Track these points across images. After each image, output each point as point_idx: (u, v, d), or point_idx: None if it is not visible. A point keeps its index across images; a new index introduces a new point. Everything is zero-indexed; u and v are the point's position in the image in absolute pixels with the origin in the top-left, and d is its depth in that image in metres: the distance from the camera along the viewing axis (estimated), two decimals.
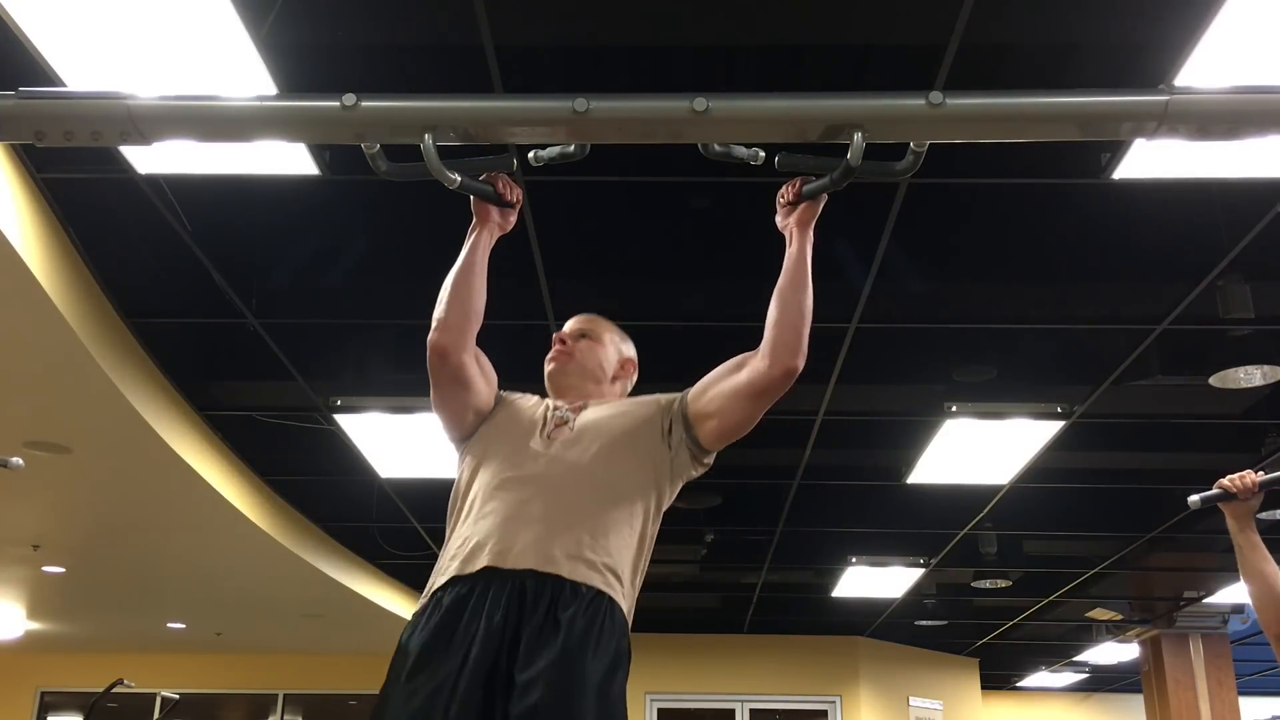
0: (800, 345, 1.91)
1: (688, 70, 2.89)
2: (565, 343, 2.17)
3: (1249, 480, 2.50)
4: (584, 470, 1.91)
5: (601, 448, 1.94)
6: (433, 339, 1.96)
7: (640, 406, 2.06)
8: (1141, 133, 1.46)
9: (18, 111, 1.47)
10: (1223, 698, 9.10)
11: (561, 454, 1.93)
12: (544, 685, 1.66)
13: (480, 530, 1.86)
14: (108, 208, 3.45)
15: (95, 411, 4.27)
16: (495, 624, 1.73)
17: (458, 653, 1.74)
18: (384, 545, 7.14)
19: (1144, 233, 3.54)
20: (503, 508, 1.87)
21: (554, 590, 1.77)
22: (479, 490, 1.94)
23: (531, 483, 1.89)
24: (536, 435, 1.98)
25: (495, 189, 1.89)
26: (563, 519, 1.84)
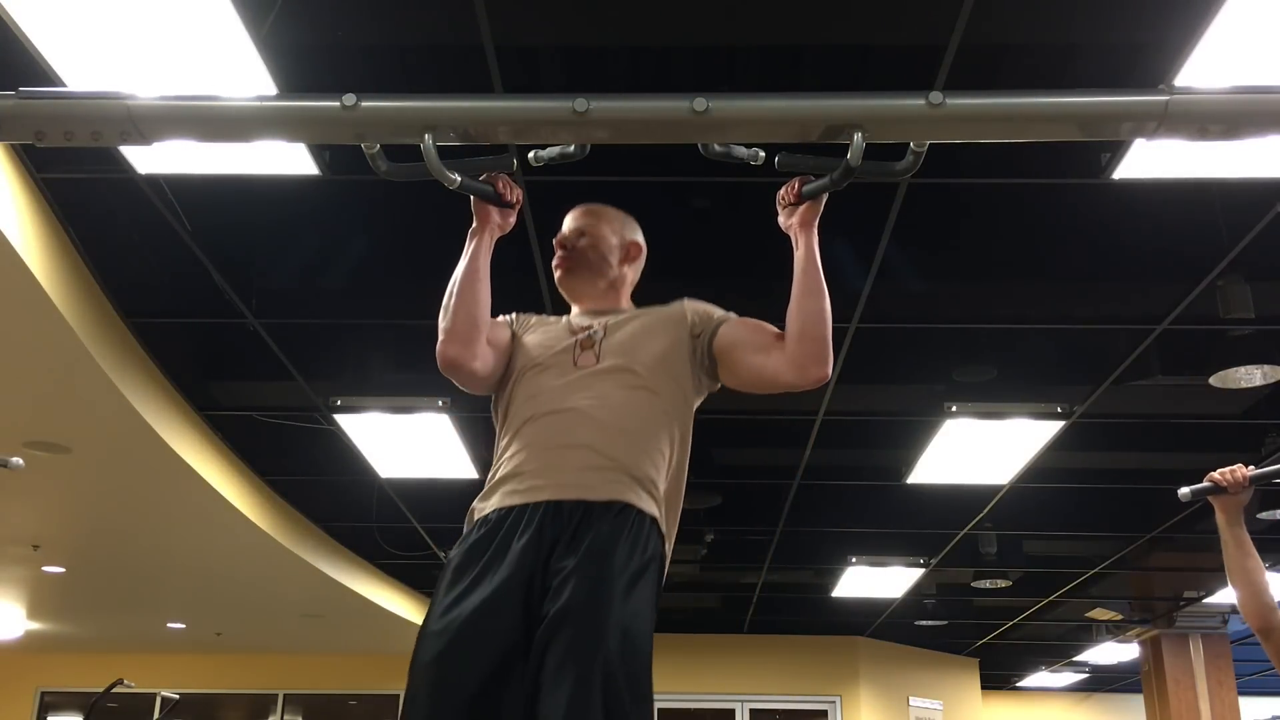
0: (826, 353, 1.90)
1: (688, 70, 2.89)
2: (567, 247, 2.13)
3: (1240, 474, 2.50)
4: (611, 396, 1.90)
5: (630, 371, 1.93)
6: (443, 351, 1.94)
7: (668, 325, 2.02)
8: (1141, 133, 1.46)
9: (18, 111, 1.47)
10: (1223, 698, 9.10)
11: (591, 383, 1.92)
12: (574, 582, 1.68)
13: (516, 464, 1.87)
14: (108, 208, 3.45)
15: (95, 411, 4.27)
16: (530, 540, 1.76)
17: (495, 565, 1.76)
18: (384, 545, 7.14)
19: (1144, 233, 3.54)
20: (538, 440, 1.87)
21: (588, 509, 1.79)
22: (514, 423, 1.94)
23: (565, 414, 1.88)
24: (566, 362, 1.96)
25: (495, 189, 1.89)
26: (597, 447, 1.84)
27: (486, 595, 1.72)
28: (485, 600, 1.71)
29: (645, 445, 1.89)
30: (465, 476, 5.75)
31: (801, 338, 1.90)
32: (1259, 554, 2.55)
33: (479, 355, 1.96)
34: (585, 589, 1.68)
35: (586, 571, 1.70)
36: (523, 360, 2.00)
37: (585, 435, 1.85)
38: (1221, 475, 2.52)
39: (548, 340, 2.02)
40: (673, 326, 2.03)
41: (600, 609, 1.67)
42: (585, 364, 1.95)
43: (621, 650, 1.63)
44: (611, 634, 1.64)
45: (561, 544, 1.75)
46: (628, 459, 1.85)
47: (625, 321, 2.04)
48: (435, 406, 4.87)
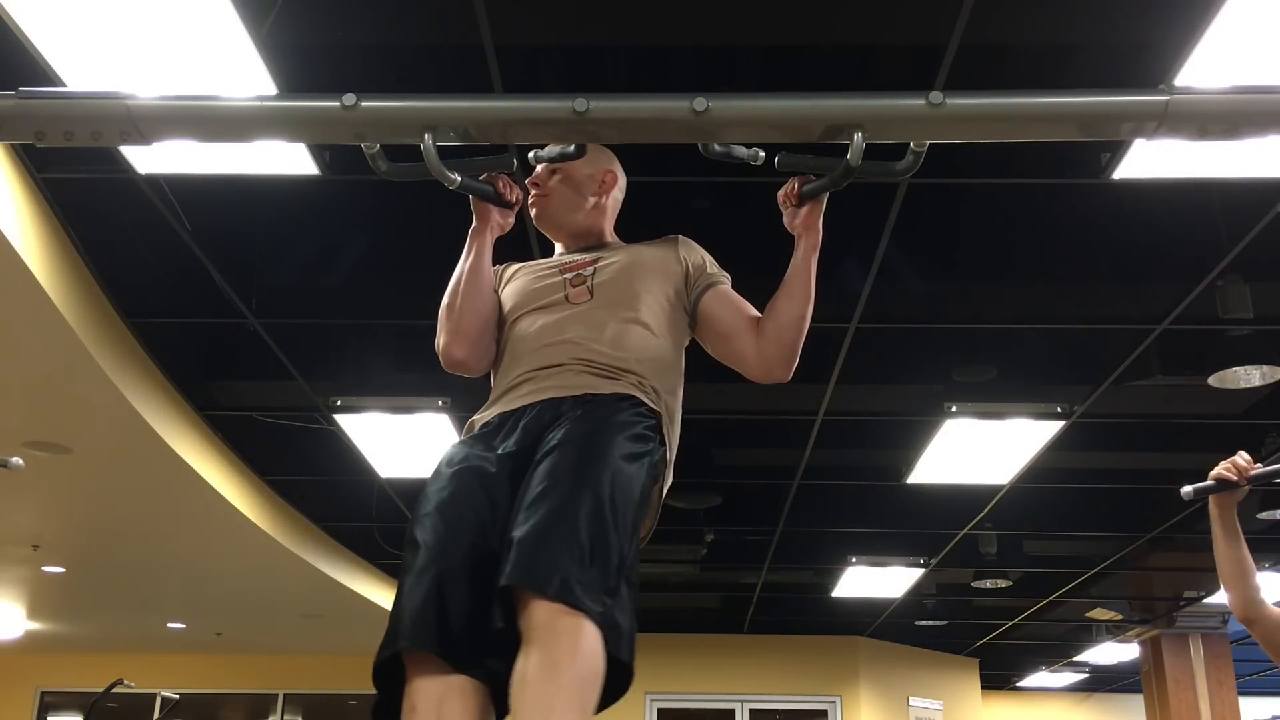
0: (792, 360, 1.92)
1: (688, 70, 2.89)
2: (539, 185, 2.11)
3: (1240, 461, 2.50)
4: (606, 322, 1.89)
5: (624, 301, 1.92)
6: (450, 352, 1.93)
7: (661, 266, 2.01)
8: (1141, 133, 1.46)
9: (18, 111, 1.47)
10: (1223, 698, 9.10)
11: (586, 315, 1.90)
12: (571, 424, 1.68)
13: (515, 379, 1.85)
14: (108, 208, 3.45)
15: (95, 411, 4.27)
16: (533, 419, 1.75)
17: (500, 440, 1.75)
18: (384, 545, 7.14)
19: (1144, 233, 3.54)
20: (539, 361, 1.85)
21: (593, 396, 1.77)
22: (511, 353, 1.92)
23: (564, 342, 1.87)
24: (558, 299, 1.94)
25: (495, 189, 1.89)
26: (600, 360, 1.83)
27: (491, 455, 1.72)
28: (489, 458, 1.71)
29: (648, 364, 1.88)
30: None
31: (774, 339, 1.92)
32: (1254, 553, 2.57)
33: (485, 353, 1.96)
34: (582, 429, 1.67)
35: (585, 420, 1.70)
36: (513, 304, 1.99)
37: (587, 353, 1.84)
38: (1226, 469, 2.52)
39: (537, 281, 2.00)
40: (666, 269, 2.02)
41: (595, 446, 1.64)
42: (578, 299, 1.94)
43: (612, 482, 1.58)
44: (604, 467, 1.60)
45: (565, 414, 1.74)
46: (630, 371, 1.84)
47: (616, 257, 2.01)
48: (435, 406, 4.87)
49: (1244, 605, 2.49)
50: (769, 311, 1.94)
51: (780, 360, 1.91)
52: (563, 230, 2.12)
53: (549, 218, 2.11)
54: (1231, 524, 2.53)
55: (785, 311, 1.91)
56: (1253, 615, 2.48)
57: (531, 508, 1.53)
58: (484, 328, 1.95)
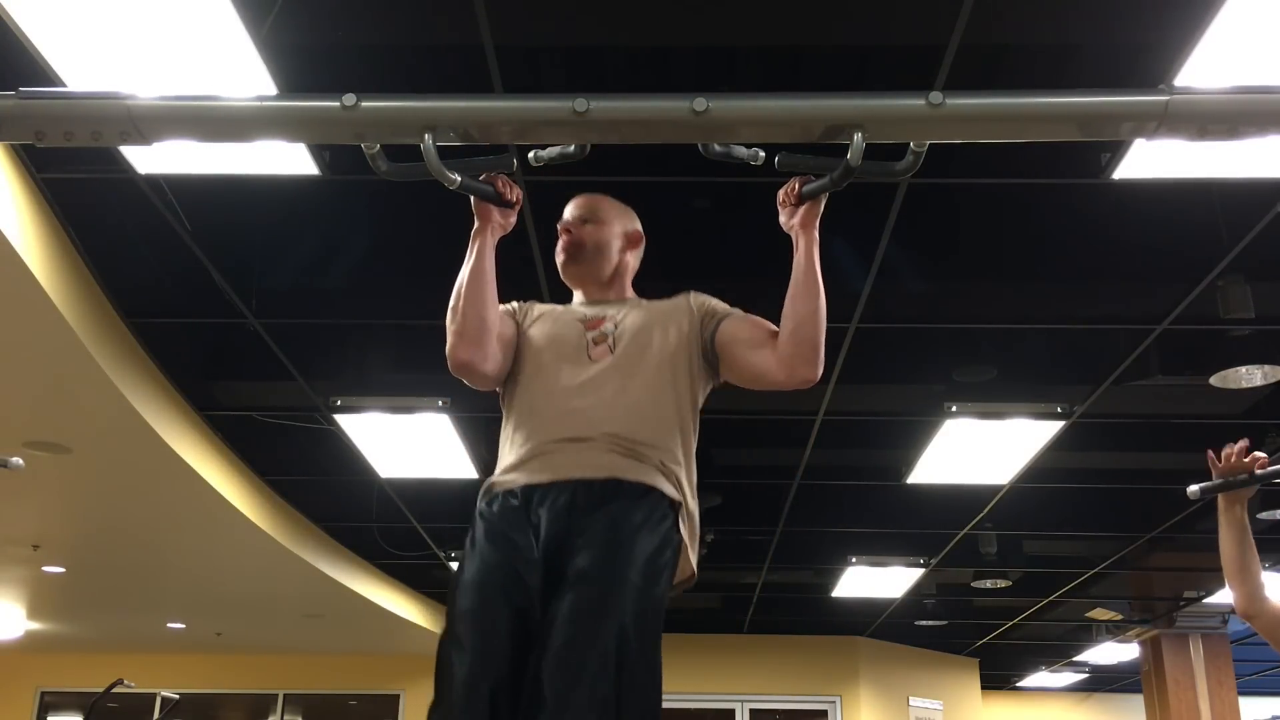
0: (817, 357, 1.92)
1: (688, 70, 2.89)
2: (571, 231, 2.14)
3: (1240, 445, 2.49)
4: (629, 390, 1.93)
5: (644, 365, 1.96)
6: (455, 354, 1.94)
7: (676, 319, 2.04)
8: (1141, 133, 1.46)
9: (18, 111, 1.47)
10: (1223, 698, 9.10)
11: (605, 375, 1.94)
12: (594, 548, 1.73)
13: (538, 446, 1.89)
14: (108, 208, 3.45)
15: (95, 411, 4.27)
16: (561, 509, 1.80)
17: (525, 529, 1.80)
18: (384, 545, 7.14)
19: (1144, 233, 3.54)
20: (563, 429, 1.89)
21: (617, 484, 1.83)
22: (532, 411, 1.95)
23: (588, 408, 1.91)
24: (578, 355, 1.98)
25: (495, 189, 1.89)
26: (624, 436, 1.88)
27: (515, 553, 1.76)
28: (515, 556, 1.75)
29: (667, 436, 1.93)
30: (465, 476, 5.75)
31: (792, 338, 1.92)
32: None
33: (490, 356, 1.96)
34: (606, 555, 1.72)
35: (610, 540, 1.74)
36: (534, 350, 2.02)
37: (611, 426, 1.88)
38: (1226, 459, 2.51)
39: (558, 331, 2.03)
40: (680, 321, 2.04)
41: (620, 580, 1.71)
42: (599, 357, 1.97)
43: (638, 621, 1.71)
44: (628, 597, 1.70)
45: (587, 511, 1.79)
46: (652, 448, 1.89)
47: (634, 314, 2.05)
48: (435, 406, 4.87)
49: (1247, 601, 2.50)
50: (785, 314, 1.94)
51: (803, 359, 1.91)
52: (589, 281, 2.14)
53: (578, 266, 2.13)
54: (1239, 520, 2.53)
55: (799, 308, 1.92)
56: (1254, 611, 2.50)
57: (562, 661, 1.61)
58: (487, 329, 1.95)
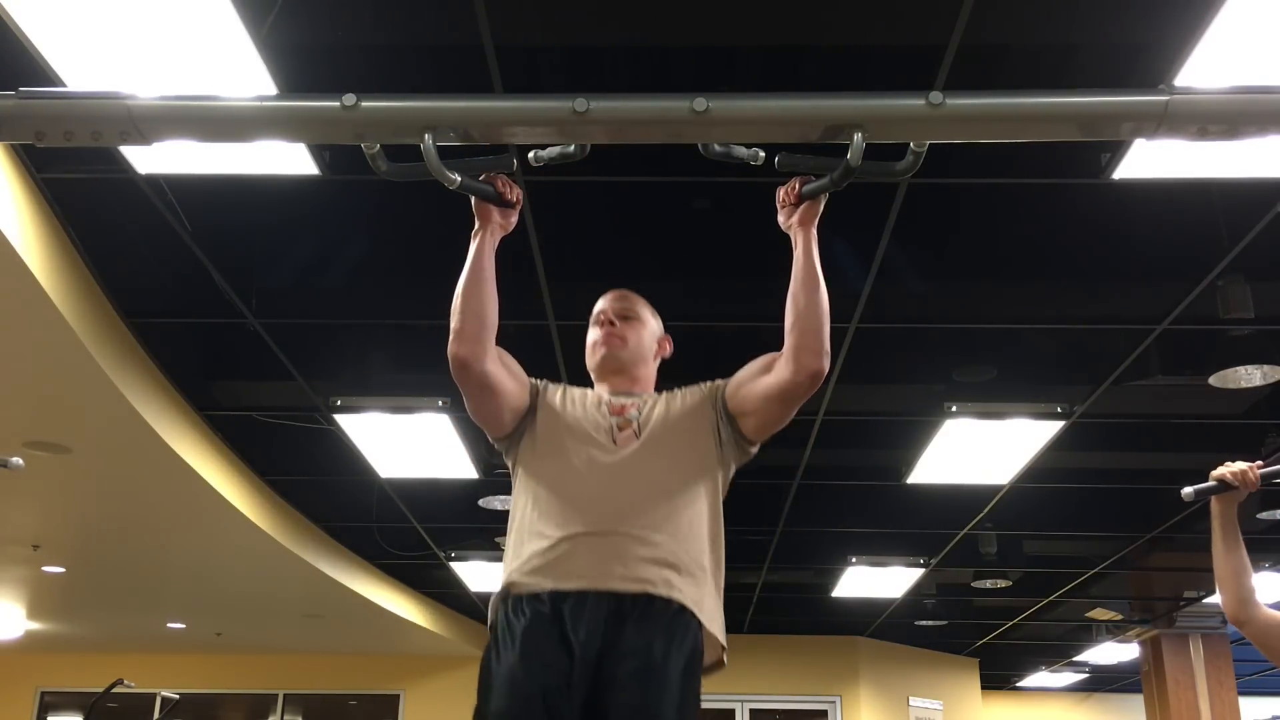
0: (821, 346, 1.92)
1: (688, 70, 2.89)
2: (614, 324, 2.17)
3: (1251, 476, 2.49)
4: (657, 481, 1.94)
5: (670, 453, 1.98)
6: (452, 351, 1.95)
7: (693, 403, 2.07)
8: (1141, 133, 1.46)
9: (18, 111, 1.47)
10: (1223, 698, 9.10)
11: (632, 463, 1.95)
12: (632, 690, 1.77)
13: (565, 545, 1.89)
14: (108, 208, 3.45)
15: (95, 411, 4.27)
16: (592, 633, 1.80)
17: (557, 651, 1.80)
18: (384, 545, 7.14)
19: (1144, 233, 3.54)
20: (590, 522, 1.89)
21: (648, 603, 1.84)
22: (555, 495, 1.95)
23: (616, 499, 1.91)
24: (603, 439, 1.99)
25: (495, 189, 1.89)
26: (642, 533, 1.88)
27: (551, 682, 1.77)
28: (551, 687, 1.76)
29: (696, 532, 1.95)
30: (465, 476, 5.75)
31: (796, 329, 1.93)
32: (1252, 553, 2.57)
33: (488, 356, 1.97)
34: (644, 696, 1.77)
35: (647, 677, 1.78)
36: (553, 428, 2.02)
37: (641, 520, 1.89)
38: (1232, 475, 2.51)
39: (582, 413, 2.04)
40: (699, 404, 2.07)
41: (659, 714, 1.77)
42: (625, 443, 1.98)
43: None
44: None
45: (621, 634, 1.80)
46: (681, 551, 1.90)
47: (657, 404, 2.07)
48: (435, 406, 4.87)
49: (1236, 606, 2.50)
50: (787, 309, 1.95)
51: (809, 348, 1.92)
52: (623, 374, 2.15)
53: (618, 359, 2.15)
54: (1231, 525, 2.54)
55: (799, 301, 1.93)
56: (1244, 617, 2.50)
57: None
58: (486, 327, 1.96)
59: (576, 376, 4.50)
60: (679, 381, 2.17)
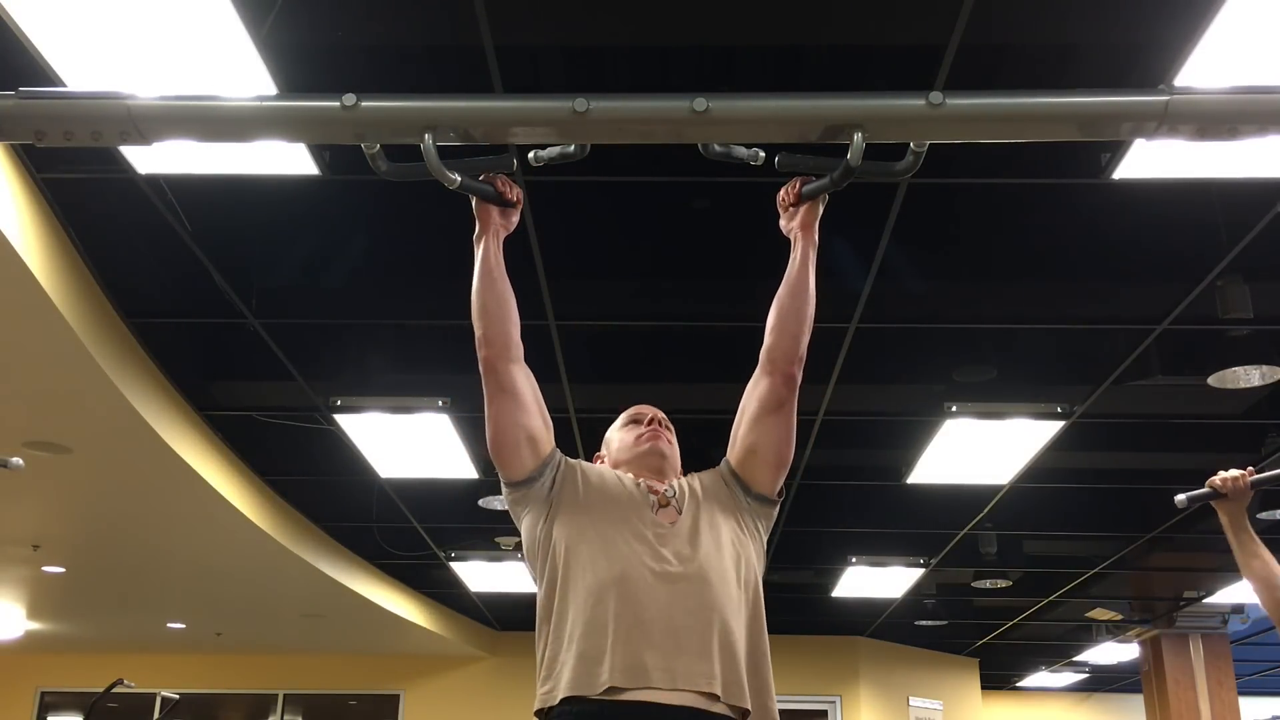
0: (797, 352, 1.93)
1: (688, 70, 2.89)
2: (665, 428, 2.17)
3: (1241, 481, 2.49)
4: (710, 567, 1.87)
5: (714, 536, 1.92)
6: (481, 356, 1.94)
7: (715, 485, 2.05)
8: (1141, 133, 1.46)
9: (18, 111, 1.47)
10: (1223, 698, 9.10)
11: (685, 545, 1.89)
12: None
13: (604, 632, 1.78)
14: (108, 208, 3.45)
15: (95, 411, 4.27)
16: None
17: None
18: (384, 545, 7.14)
19: (1144, 233, 3.54)
20: (627, 608, 1.80)
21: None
22: (593, 582, 1.84)
23: (675, 585, 1.83)
24: (645, 516, 1.93)
25: (495, 189, 1.88)
26: (700, 628, 1.80)
27: None
28: None
29: (750, 626, 1.87)
30: (465, 476, 5.75)
31: (776, 331, 1.96)
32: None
33: (515, 357, 1.95)
34: None
35: None
36: (589, 499, 1.96)
37: (690, 616, 1.80)
38: (1222, 481, 2.52)
39: (617, 491, 1.99)
40: (718, 484, 2.05)
41: None
42: (666, 519, 1.94)
43: None
44: None
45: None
46: (742, 652, 1.82)
47: (682, 484, 2.06)
48: (435, 406, 4.87)
49: (1268, 592, 2.48)
50: (772, 311, 1.96)
51: (786, 355, 1.94)
52: (666, 471, 2.11)
53: (664, 457, 2.12)
54: (1243, 530, 2.52)
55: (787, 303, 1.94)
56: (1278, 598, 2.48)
57: None
58: (506, 328, 1.94)
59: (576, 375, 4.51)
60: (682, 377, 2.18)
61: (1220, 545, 7.09)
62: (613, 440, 2.21)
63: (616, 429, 2.22)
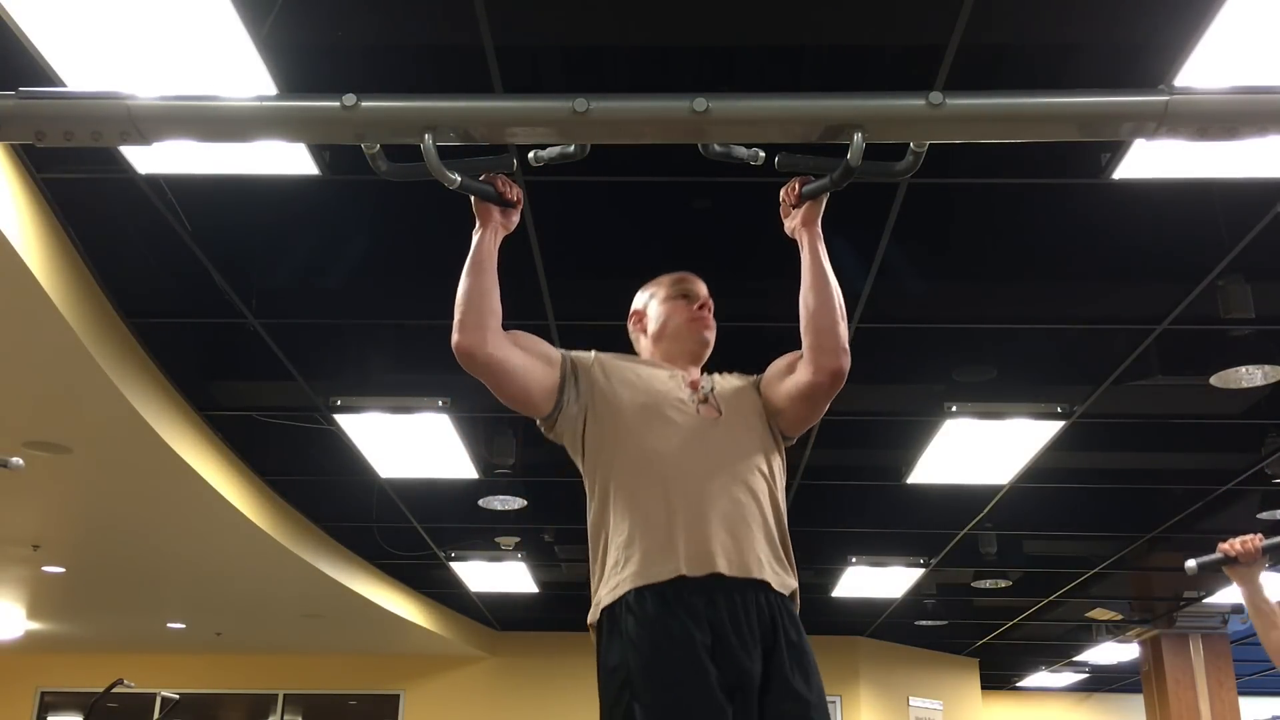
0: (838, 344, 1.93)
1: (688, 70, 2.89)
2: (708, 309, 2.15)
3: (1251, 546, 2.47)
4: (748, 458, 1.93)
5: (752, 431, 1.97)
6: (454, 341, 1.91)
7: (748, 392, 2.07)
8: (1141, 133, 1.46)
9: (18, 111, 1.47)
10: (1223, 698, 9.10)
11: (726, 439, 1.94)
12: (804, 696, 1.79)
13: (665, 523, 1.85)
14: (108, 208, 3.45)
15: (95, 411, 4.27)
16: (733, 638, 1.78)
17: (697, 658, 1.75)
18: (384, 545, 7.14)
19: (1144, 233, 3.54)
20: (684, 499, 1.86)
21: (770, 603, 1.85)
22: (640, 474, 1.90)
23: (703, 471, 1.89)
24: (688, 411, 1.96)
25: (495, 189, 1.88)
26: (748, 515, 1.88)
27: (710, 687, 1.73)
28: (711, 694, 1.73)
29: (780, 507, 1.96)
30: (465, 476, 5.75)
31: (811, 330, 1.94)
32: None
33: (490, 342, 1.91)
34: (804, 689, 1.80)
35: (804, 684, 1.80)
36: (631, 398, 1.98)
37: (735, 501, 1.87)
38: (1232, 545, 2.50)
39: (655, 385, 2.01)
40: (751, 393, 2.07)
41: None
42: (708, 415, 1.97)
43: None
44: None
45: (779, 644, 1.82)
46: (776, 530, 1.93)
47: (718, 380, 2.07)
48: (435, 406, 4.87)
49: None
50: (801, 312, 1.95)
51: (826, 349, 1.92)
52: (702, 359, 2.13)
53: (708, 345, 2.13)
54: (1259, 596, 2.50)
55: (812, 300, 1.93)
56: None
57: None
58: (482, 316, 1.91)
59: None
60: None
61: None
62: (654, 311, 2.17)
63: (660, 299, 2.17)
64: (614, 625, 1.83)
